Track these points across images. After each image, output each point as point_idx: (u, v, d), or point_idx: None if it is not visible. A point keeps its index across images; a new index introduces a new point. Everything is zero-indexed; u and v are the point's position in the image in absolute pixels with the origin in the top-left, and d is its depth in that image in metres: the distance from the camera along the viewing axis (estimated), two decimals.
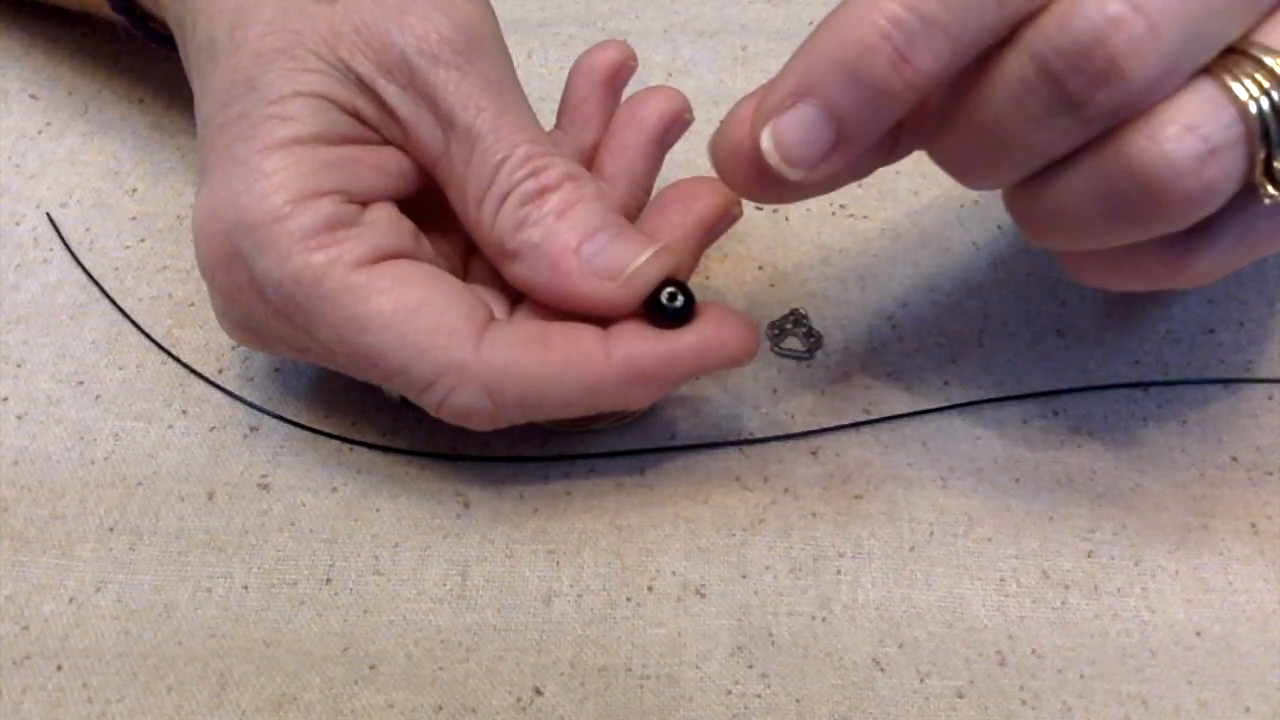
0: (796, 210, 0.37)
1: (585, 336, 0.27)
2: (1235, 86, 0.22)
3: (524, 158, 0.27)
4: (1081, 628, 0.27)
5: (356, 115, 0.27)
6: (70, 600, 0.28)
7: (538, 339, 0.27)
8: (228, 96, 0.27)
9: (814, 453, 0.31)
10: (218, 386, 0.32)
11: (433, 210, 0.29)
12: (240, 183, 0.26)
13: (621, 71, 0.31)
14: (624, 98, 0.31)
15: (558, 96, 0.40)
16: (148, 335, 0.33)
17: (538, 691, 0.26)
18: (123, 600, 0.28)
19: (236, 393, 0.32)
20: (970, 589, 0.28)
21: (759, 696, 0.26)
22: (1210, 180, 0.22)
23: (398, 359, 0.26)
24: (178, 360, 0.33)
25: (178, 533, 0.29)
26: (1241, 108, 0.21)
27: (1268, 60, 0.21)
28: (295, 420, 0.31)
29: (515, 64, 0.30)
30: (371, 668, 0.27)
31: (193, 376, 0.32)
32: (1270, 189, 0.22)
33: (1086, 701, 0.26)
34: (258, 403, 0.32)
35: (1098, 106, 0.22)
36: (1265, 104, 0.21)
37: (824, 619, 0.27)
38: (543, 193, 0.27)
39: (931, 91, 0.23)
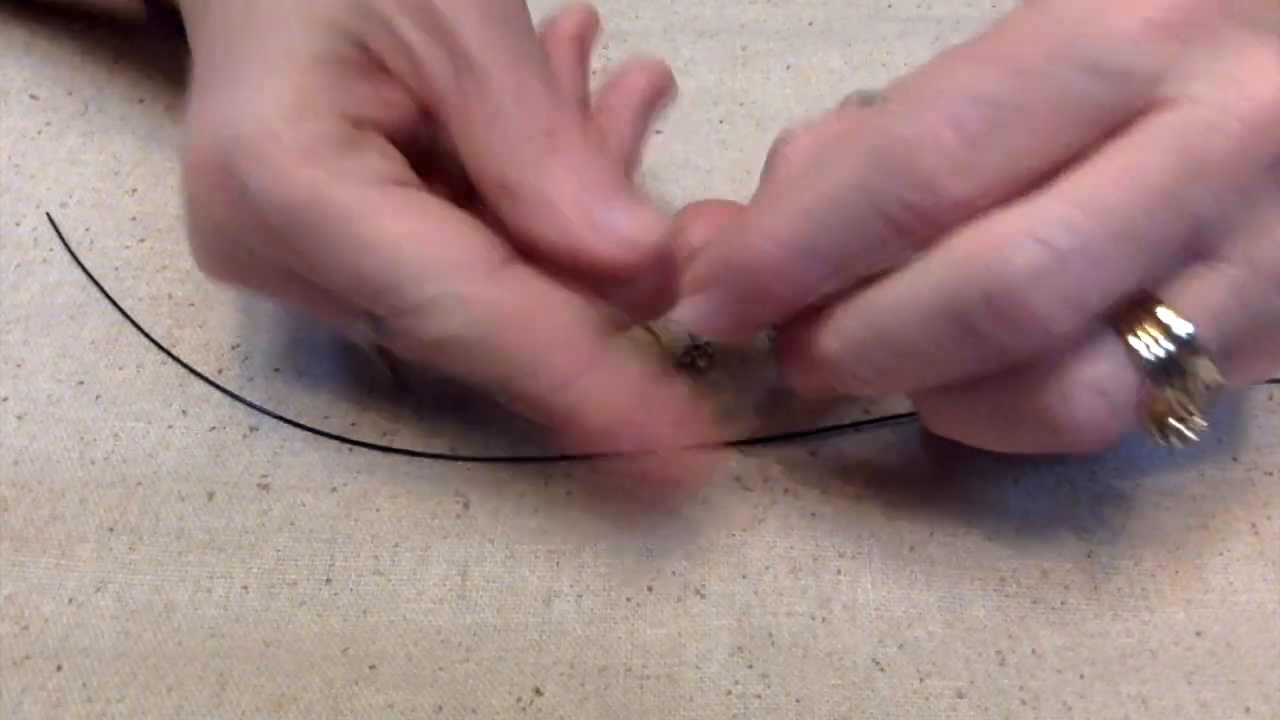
0: None
1: (587, 336, 0.26)
2: (1136, 344, 0.23)
3: (538, 102, 0.26)
4: (1081, 628, 0.27)
5: (360, 43, 0.27)
6: (70, 600, 0.28)
7: (550, 302, 0.26)
8: (226, 15, 0.26)
9: (814, 453, 0.31)
10: (218, 386, 0.32)
11: (427, 162, 0.28)
12: (238, 97, 0.25)
13: (586, 30, 0.31)
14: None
15: None
16: (148, 335, 0.33)
17: (538, 691, 0.26)
18: (123, 600, 0.28)
19: (236, 393, 0.32)
20: (970, 589, 0.28)
21: (759, 696, 0.26)
22: (1112, 433, 0.24)
23: (396, 279, 0.25)
24: (178, 360, 0.33)
25: (178, 533, 0.29)
26: (1142, 366, 0.23)
27: (1161, 314, 0.23)
28: (295, 420, 0.31)
29: None
30: (371, 668, 0.27)
31: (193, 376, 0.32)
32: (1159, 437, 0.24)
33: (1086, 701, 0.26)
34: (258, 403, 0.32)
35: (1004, 346, 0.23)
36: (1158, 356, 0.23)
37: (824, 619, 0.27)
38: (554, 139, 0.26)
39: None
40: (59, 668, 0.27)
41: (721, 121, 0.40)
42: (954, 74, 0.23)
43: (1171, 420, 0.24)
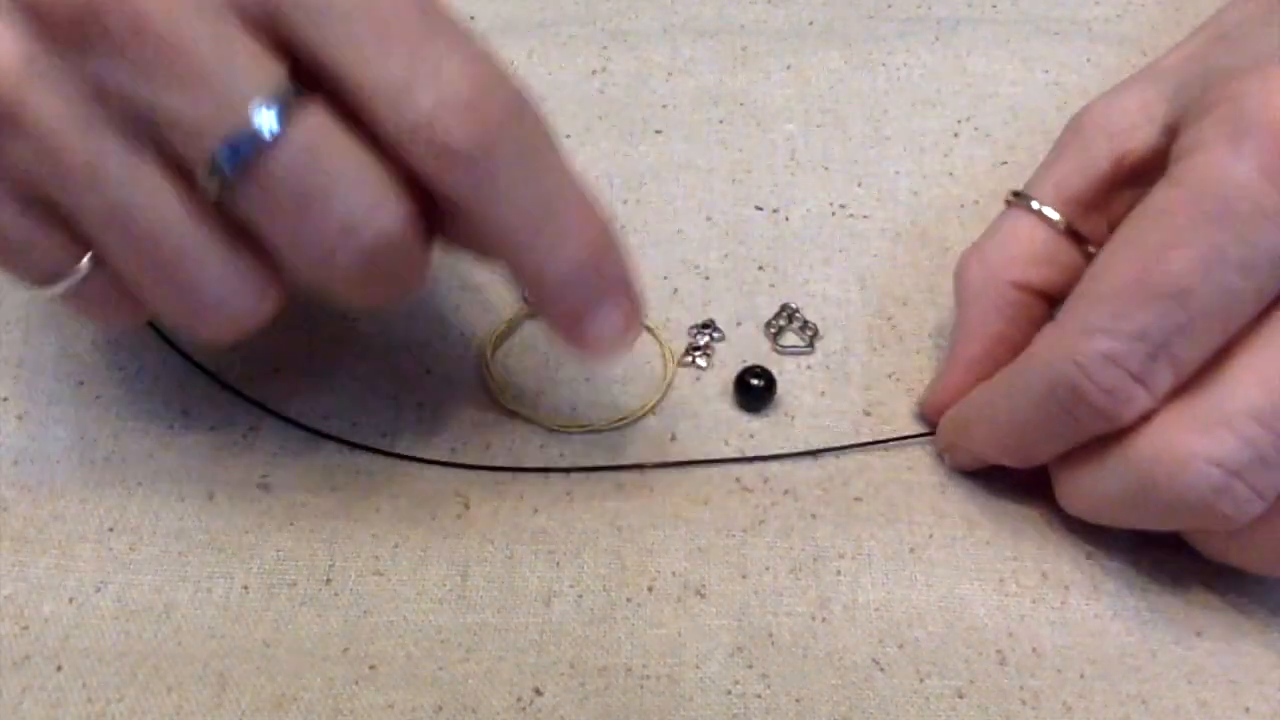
0: (796, 210, 0.37)
1: None
2: None
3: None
4: (1082, 627, 0.27)
5: None
6: (70, 600, 0.28)
7: None
8: None
9: (814, 455, 0.31)
10: (218, 380, 0.32)
11: None
12: None
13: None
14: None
15: (558, 96, 0.40)
16: (153, 326, 0.33)
17: (538, 691, 0.26)
18: (123, 600, 0.28)
19: (237, 393, 0.32)
20: (970, 589, 0.28)
21: (759, 696, 0.26)
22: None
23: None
24: (182, 354, 0.32)
25: (178, 533, 0.29)
26: None
27: None
28: (296, 420, 0.31)
29: (515, 64, 0.29)
30: (371, 668, 0.27)
31: (193, 376, 0.32)
32: None
33: (1086, 701, 0.26)
34: (258, 403, 0.31)
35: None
36: None
37: (824, 619, 0.27)
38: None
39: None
40: (59, 668, 0.27)
41: (721, 121, 0.40)
42: (1112, 305, 0.24)
43: None
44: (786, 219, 0.36)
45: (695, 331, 0.33)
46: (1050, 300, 0.29)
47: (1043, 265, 0.29)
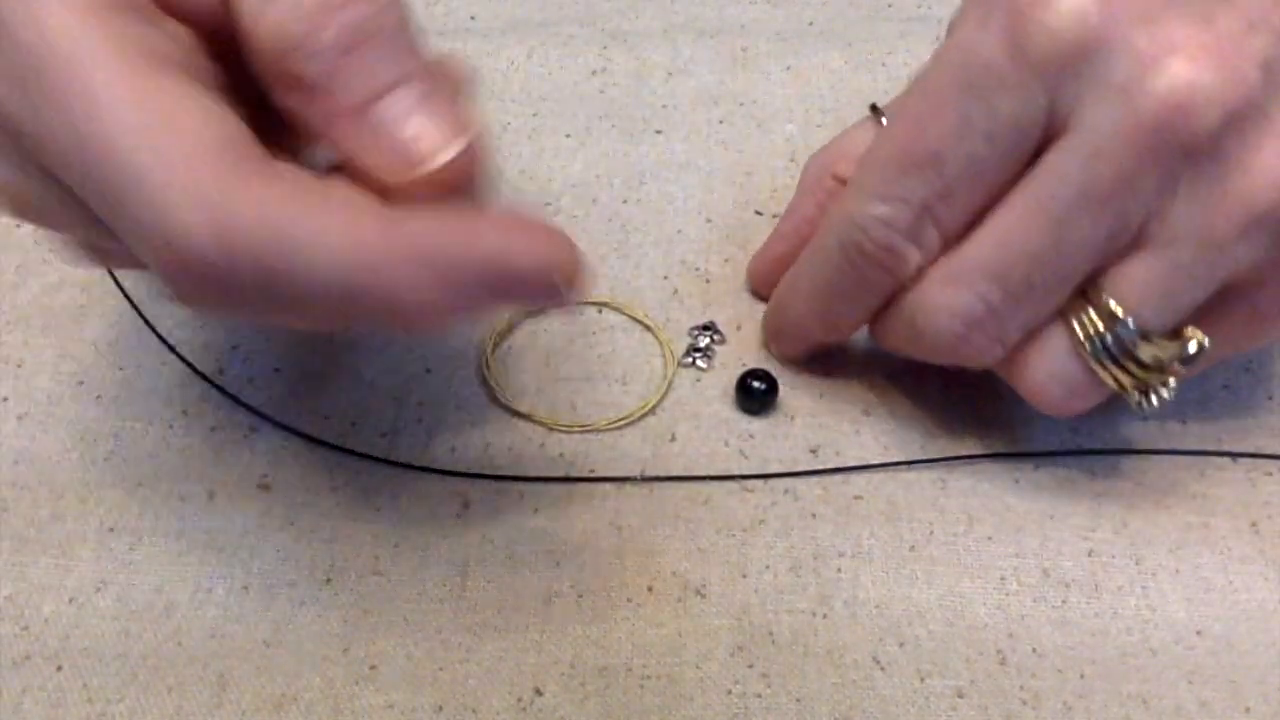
0: None
1: (366, 201, 0.21)
2: (1081, 333, 0.26)
3: None
4: (1082, 626, 0.27)
5: None
6: (70, 600, 0.28)
7: (311, 189, 0.21)
8: None
9: (813, 452, 0.31)
10: (218, 388, 0.32)
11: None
12: None
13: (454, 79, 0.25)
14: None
15: (558, 97, 0.40)
16: (153, 329, 0.33)
17: (538, 691, 0.26)
18: (123, 600, 0.28)
19: (237, 394, 0.32)
20: (971, 587, 0.28)
21: (759, 696, 0.26)
22: (1079, 407, 0.28)
23: (121, 164, 0.20)
24: (180, 358, 0.32)
25: (178, 533, 0.29)
26: (1088, 354, 0.26)
27: (1103, 303, 0.26)
28: (294, 427, 0.31)
29: (515, 64, 0.29)
30: (371, 668, 0.27)
31: (193, 376, 0.32)
32: (1134, 406, 0.27)
33: (1087, 701, 0.26)
34: (258, 402, 0.31)
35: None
36: (1102, 344, 0.26)
37: (824, 617, 0.27)
38: (328, 7, 0.21)
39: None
40: (59, 668, 0.27)
41: (721, 121, 0.40)
42: (882, 172, 0.27)
43: (1136, 392, 0.27)
44: None
45: (696, 332, 0.33)
46: None
47: None
